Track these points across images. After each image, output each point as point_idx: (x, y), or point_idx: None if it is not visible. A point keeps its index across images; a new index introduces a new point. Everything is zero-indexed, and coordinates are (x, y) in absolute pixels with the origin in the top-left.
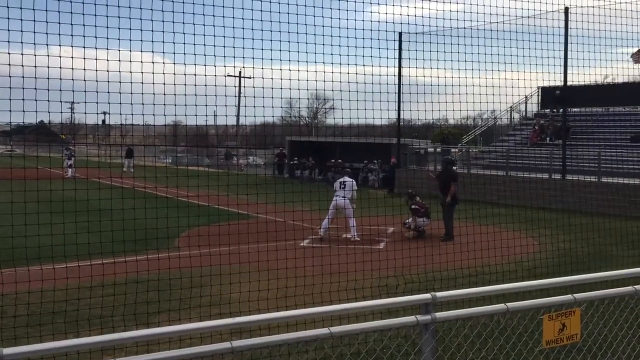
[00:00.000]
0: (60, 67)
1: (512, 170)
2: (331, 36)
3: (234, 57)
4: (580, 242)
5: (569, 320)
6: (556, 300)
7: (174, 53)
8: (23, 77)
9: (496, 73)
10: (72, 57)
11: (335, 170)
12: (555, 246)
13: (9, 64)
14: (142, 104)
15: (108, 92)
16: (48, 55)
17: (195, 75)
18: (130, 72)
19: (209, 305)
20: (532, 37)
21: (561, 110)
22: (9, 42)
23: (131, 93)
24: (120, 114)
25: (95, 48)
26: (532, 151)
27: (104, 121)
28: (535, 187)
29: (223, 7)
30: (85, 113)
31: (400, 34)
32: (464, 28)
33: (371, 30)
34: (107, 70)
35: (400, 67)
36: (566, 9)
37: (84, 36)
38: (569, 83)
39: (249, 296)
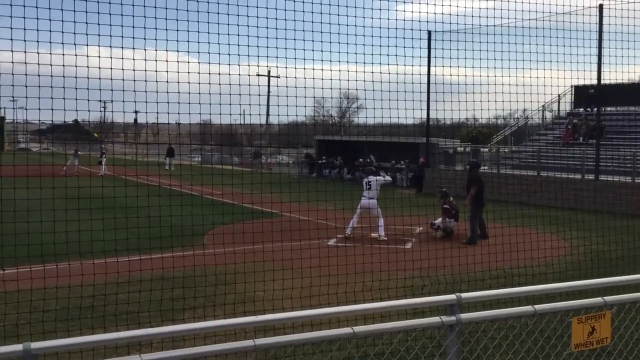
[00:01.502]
0: (88, 67)
1: (543, 171)
2: (356, 35)
3: (258, 56)
4: (614, 245)
5: (599, 323)
6: (586, 303)
7: (198, 52)
8: (52, 76)
9: (528, 71)
10: (99, 57)
11: (363, 170)
12: (588, 248)
13: (38, 64)
14: (168, 102)
15: (134, 91)
16: (76, 55)
17: (219, 74)
18: (156, 71)
19: (233, 303)
20: (565, 34)
21: (595, 109)
22: (37, 42)
23: (156, 92)
24: (146, 113)
25: (122, 47)
26: (565, 151)
27: (135, 120)
28: (568, 188)
29: (247, 6)
30: (112, 111)
31: (429, 32)
32: (495, 26)
33: (397, 29)
34: (134, 70)
35: (429, 65)
36: (600, 6)
37: (110, 36)
38: (603, 81)
39: (274, 294)
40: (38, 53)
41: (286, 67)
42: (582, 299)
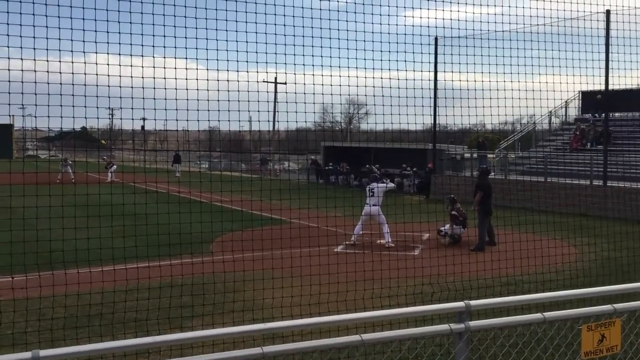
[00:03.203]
0: (97, 74)
1: (551, 176)
2: (365, 41)
3: (267, 62)
4: (624, 251)
5: (609, 331)
6: (595, 311)
7: (207, 59)
8: (61, 84)
9: (535, 77)
10: (108, 64)
11: (370, 178)
12: (599, 255)
13: (48, 71)
14: (176, 109)
15: (143, 99)
16: (85, 63)
17: (228, 81)
18: (165, 78)
19: (242, 311)
20: (573, 39)
21: (603, 115)
22: (47, 49)
23: (165, 99)
24: (155, 120)
25: (131, 55)
26: (573, 157)
27: (142, 127)
28: (576, 194)
29: (256, 13)
30: (121, 119)
31: (436, 38)
32: (501, 31)
33: (405, 34)
34: (142, 77)
35: (436, 71)
36: (607, 11)
37: (119, 43)
38: (610, 87)
39: (282, 302)
40: (47, 61)
41: (295, 74)
42: (591, 307)
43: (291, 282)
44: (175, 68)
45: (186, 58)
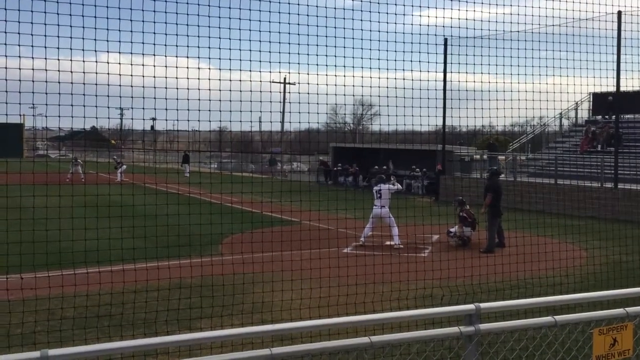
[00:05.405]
0: (108, 74)
1: (561, 178)
2: (377, 41)
3: (280, 62)
4: (636, 255)
5: (621, 334)
6: (607, 314)
7: (219, 59)
8: (72, 83)
9: (545, 78)
10: (119, 64)
11: (377, 179)
12: (611, 258)
13: (59, 71)
14: (188, 109)
15: (154, 98)
16: (96, 62)
17: (240, 81)
18: (176, 77)
19: (250, 312)
20: (583, 40)
21: (613, 116)
22: (58, 48)
23: (177, 99)
24: (166, 120)
25: (142, 54)
26: (583, 159)
27: (152, 127)
28: (586, 196)
29: (269, 12)
30: (132, 119)
31: (445, 39)
32: (512, 32)
33: (420, 34)
34: (154, 77)
35: (445, 72)
36: (619, 12)
37: (131, 42)
38: (621, 89)
39: (291, 303)
40: (58, 60)
41: (308, 74)
42: (603, 310)
43: (300, 284)
44: (187, 67)
45: (198, 57)
